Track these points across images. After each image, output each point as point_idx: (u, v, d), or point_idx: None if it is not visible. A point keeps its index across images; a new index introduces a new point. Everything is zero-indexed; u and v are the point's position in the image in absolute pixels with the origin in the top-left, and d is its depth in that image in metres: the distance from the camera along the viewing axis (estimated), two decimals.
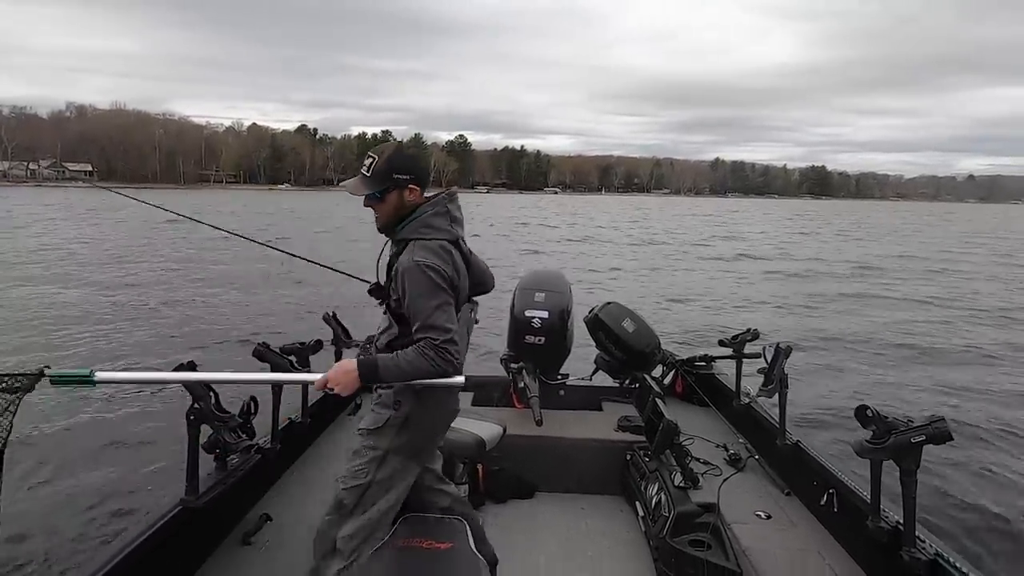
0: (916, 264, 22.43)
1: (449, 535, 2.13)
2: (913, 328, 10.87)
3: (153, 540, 2.07)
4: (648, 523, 2.90)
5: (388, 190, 2.05)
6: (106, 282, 14.50)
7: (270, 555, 2.40)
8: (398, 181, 2.05)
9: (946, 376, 7.90)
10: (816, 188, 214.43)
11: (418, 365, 1.89)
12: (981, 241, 36.63)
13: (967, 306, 13.45)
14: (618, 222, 46.13)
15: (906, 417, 2.11)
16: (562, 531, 2.57)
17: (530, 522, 3.13)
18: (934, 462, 4.81)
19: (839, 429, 5.34)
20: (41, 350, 8.54)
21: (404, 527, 2.21)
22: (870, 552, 2.29)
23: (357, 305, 11.75)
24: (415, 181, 2.07)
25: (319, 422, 3.46)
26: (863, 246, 30.43)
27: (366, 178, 2.05)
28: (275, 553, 2.42)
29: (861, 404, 2.15)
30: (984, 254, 28.03)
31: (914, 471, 2.03)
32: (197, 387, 2.29)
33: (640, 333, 3.57)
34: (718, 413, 3.79)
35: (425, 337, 1.90)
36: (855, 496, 2.44)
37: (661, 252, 25.69)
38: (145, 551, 2.02)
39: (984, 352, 9.34)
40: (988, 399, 7.03)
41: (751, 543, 2.49)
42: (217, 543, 2.46)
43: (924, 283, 16.95)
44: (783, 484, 2.96)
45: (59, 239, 23.77)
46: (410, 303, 1.94)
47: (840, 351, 9.05)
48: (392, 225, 2.09)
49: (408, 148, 2.25)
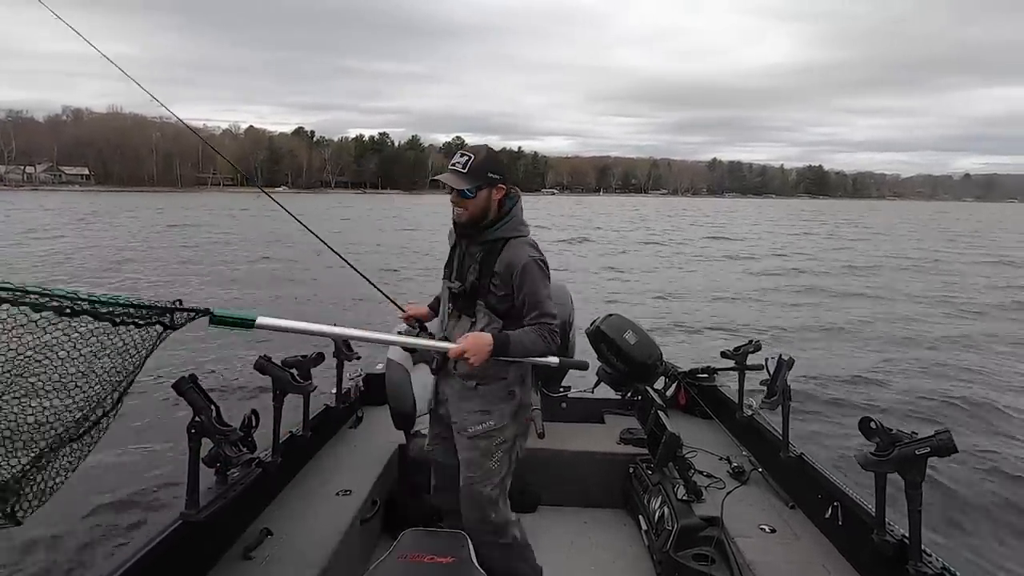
0: (920, 268, 22.29)
1: (451, 549, 2.12)
2: (919, 338, 10.70)
3: (153, 554, 2.06)
4: (651, 537, 2.89)
5: (481, 188, 2.15)
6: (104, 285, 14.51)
7: (271, 570, 2.39)
8: (491, 180, 2.16)
9: (952, 388, 7.82)
10: (813, 188, 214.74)
11: (539, 344, 2.14)
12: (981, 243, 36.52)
13: (975, 313, 13.22)
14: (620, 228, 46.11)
15: (910, 429, 2.11)
16: (565, 544, 2.57)
17: (532, 535, 3.11)
18: (940, 475, 4.79)
19: (843, 441, 5.31)
20: None
21: (406, 541, 2.20)
22: (875, 566, 2.27)
23: (356, 314, 11.73)
24: (503, 182, 2.19)
25: (320, 435, 3.44)
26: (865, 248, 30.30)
27: (462, 174, 2.13)
28: (276, 568, 2.41)
29: (865, 416, 2.15)
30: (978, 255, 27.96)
31: (919, 484, 2.02)
32: (198, 400, 2.29)
33: (642, 345, 3.56)
34: (721, 425, 3.77)
35: (541, 322, 2.14)
36: (860, 509, 2.42)
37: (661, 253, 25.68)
38: (145, 565, 2.01)
39: (993, 364, 9.17)
40: (994, 411, 6.97)
41: (755, 557, 2.48)
42: (218, 557, 2.44)
43: (929, 289, 16.73)
44: (787, 497, 2.94)
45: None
46: (529, 294, 2.14)
47: (843, 362, 8.95)
48: (477, 221, 2.18)
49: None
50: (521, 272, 2.14)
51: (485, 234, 2.20)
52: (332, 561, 2.43)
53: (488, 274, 2.18)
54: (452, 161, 2.19)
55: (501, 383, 2.25)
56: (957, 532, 4.31)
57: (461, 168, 2.14)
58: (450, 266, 2.33)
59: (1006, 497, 4.96)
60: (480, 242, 2.21)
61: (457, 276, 2.27)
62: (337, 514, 2.62)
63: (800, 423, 4.25)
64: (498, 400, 2.24)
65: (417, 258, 22.03)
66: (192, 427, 2.25)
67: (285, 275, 16.85)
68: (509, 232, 2.20)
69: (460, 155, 2.17)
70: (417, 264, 19.64)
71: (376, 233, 33.62)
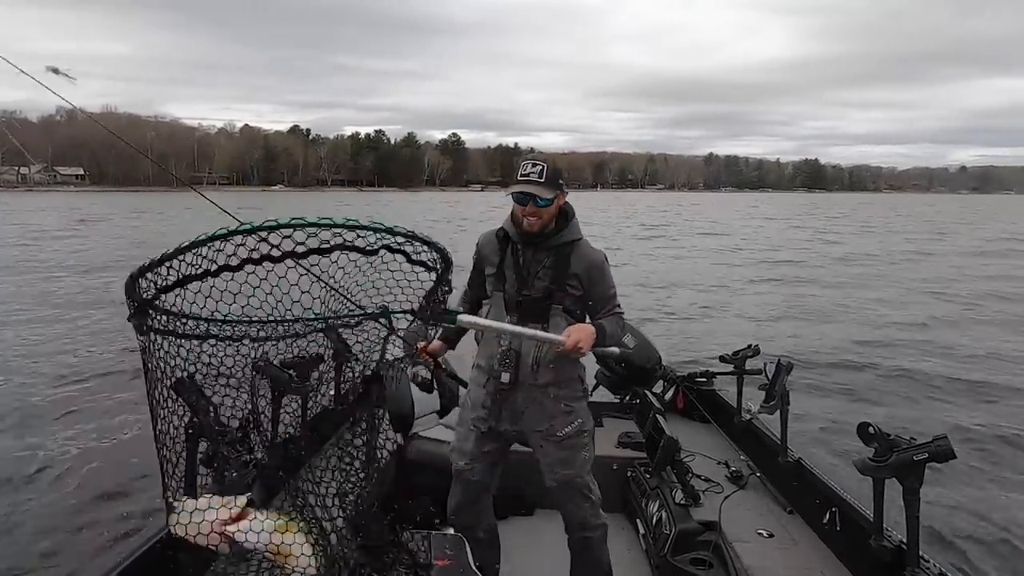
0: (918, 265, 22.09)
1: (448, 552, 2.12)
2: (916, 343, 10.46)
3: (150, 555, 2.08)
4: (649, 541, 2.89)
5: (558, 195, 2.19)
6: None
7: (268, 571, 2.39)
8: (562, 187, 2.20)
9: (951, 393, 7.76)
10: (810, 181, 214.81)
11: (618, 333, 2.32)
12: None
13: (975, 316, 12.92)
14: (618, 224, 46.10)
15: (909, 435, 2.11)
16: (562, 548, 2.57)
17: (530, 539, 3.13)
18: (938, 480, 4.78)
19: (841, 446, 5.30)
20: None
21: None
22: (873, 571, 2.27)
23: None
24: (565, 187, 2.25)
25: (318, 436, 3.45)
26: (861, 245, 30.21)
27: (541, 184, 2.14)
28: (273, 570, 2.41)
29: (863, 421, 2.15)
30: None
31: (917, 489, 2.03)
32: (196, 400, 2.29)
33: (641, 349, 3.56)
34: (719, 430, 3.78)
35: (615, 312, 2.29)
36: (858, 514, 2.43)
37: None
38: (142, 566, 2.02)
39: (991, 368, 8.98)
40: (993, 415, 6.91)
41: (753, 561, 2.48)
42: (214, 558, 2.45)
43: (927, 289, 16.52)
44: (785, 502, 2.95)
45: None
46: (604, 290, 2.27)
47: (842, 367, 8.87)
48: (547, 227, 2.23)
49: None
50: (599, 270, 2.25)
51: (553, 239, 2.24)
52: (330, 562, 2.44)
53: (564, 277, 2.23)
54: (524, 171, 2.17)
55: (577, 383, 2.35)
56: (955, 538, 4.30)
57: (538, 178, 2.14)
58: (502, 277, 2.30)
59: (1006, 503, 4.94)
60: (548, 247, 2.24)
61: (519, 284, 2.26)
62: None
63: (798, 426, 4.24)
64: (577, 398, 2.34)
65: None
66: (189, 427, 2.25)
67: None
68: (576, 234, 2.27)
69: (532, 164, 2.16)
70: None
71: None
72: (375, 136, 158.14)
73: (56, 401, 7.19)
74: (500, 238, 2.32)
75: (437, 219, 41.07)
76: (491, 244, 2.35)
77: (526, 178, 2.15)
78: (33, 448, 5.84)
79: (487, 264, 2.35)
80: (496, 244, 2.33)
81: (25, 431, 6.32)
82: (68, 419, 6.62)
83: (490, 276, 2.34)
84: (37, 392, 7.49)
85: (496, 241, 2.33)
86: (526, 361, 2.25)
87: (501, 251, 2.31)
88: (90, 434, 6.21)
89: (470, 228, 29.08)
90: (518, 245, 2.28)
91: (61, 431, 6.28)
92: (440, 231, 26.85)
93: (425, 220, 39.62)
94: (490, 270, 2.34)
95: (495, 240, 2.34)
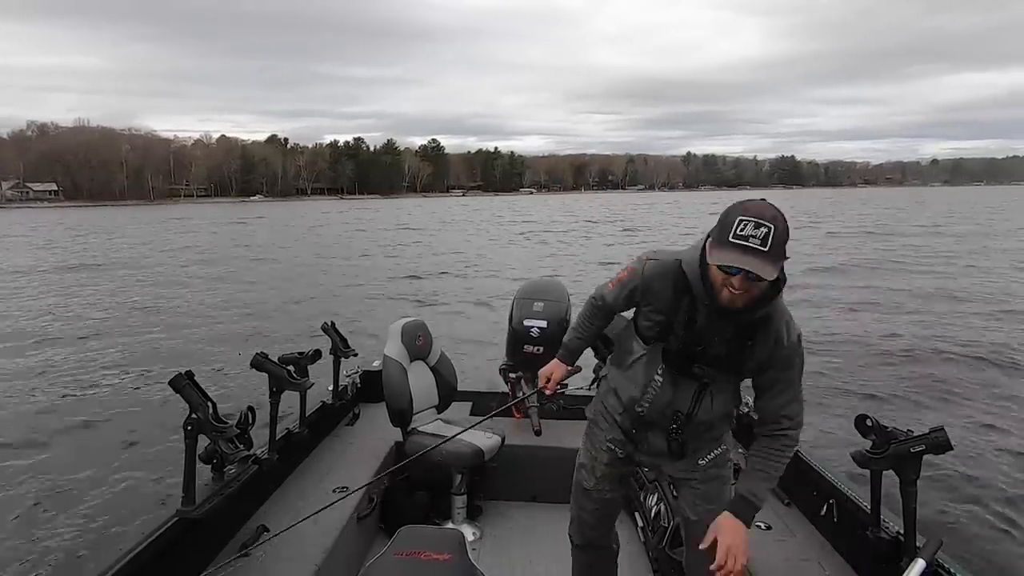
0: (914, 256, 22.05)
1: (447, 547, 2.10)
2: (916, 333, 10.50)
3: (150, 551, 2.05)
4: (647, 534, 2.91)
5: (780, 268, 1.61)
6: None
7: (268, 566, 2.36)
8: (785, 254, 1.58)
9: (948, 384, 7.79)
10: (787, 178, 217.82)
11: (777, 477, 1.88)
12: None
13: (976, 309, 12.72)
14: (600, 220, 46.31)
15: (906, 427, 2.12)
16: (561, 541, 2.56)
17: (529, 532, 3.15)
18: (935, 472, 4.82)
19: (839, 438, 5.32)
20: None
21: (403, 537, 2.19)
22: (870, 562, 2.29)
23: (355, 315, 11.70)
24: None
25: (317, 432, 3.44)
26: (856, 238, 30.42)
27: (766, 255, 1.52)
28: (272, 564, 2.38)
29: (861, 414, 2.15)
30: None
31: (914, 481, 2.03)
32: (195, 397, 2.26)
33: None
34: None
35: (788, 434, 1.86)
36: (855, 506, 2.44)
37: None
38: (142, 562, 2.00)
39: (988, 360, 8.98)
40: (990, 408, 6.95)
41: (750, 553, 2.49)
42: (214, 554, 2.42)
43: (924, 280, 16.32)
44: (782, 494, 2.96)
45: None
46: (784, 388, 1.82)
47: (839, 359, 8.90)
48: (753, 304, 1.70)
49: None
50: (788, 353, 1.77)
51: (752, 314, 1.72)
52: (329, 557, 2.44)
53: (743, 360, 1.80)
54: (741, 232, 1.53)
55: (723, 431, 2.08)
56: (952, 529, 4.35)
57: (761, 246, 1.52)
58: (668, 329, 1.85)
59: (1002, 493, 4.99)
60: (735, 318, 1.75)
61: (687, 339, 1.82)
62: (334, 511, 2.60)
63: None
64: (724, 426, 2.08)
65: (421, 259, 22.10)
66: (188, 424, 2.25)
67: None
68: (777, 308, 1.76)
69: (755, 225, 1.52)
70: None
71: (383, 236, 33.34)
72: (354, 144, 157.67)
73: (56, 402, 7.24)
74: (678, 288, 1.80)
75: (425, 213, 40.72)
76: (665, 289, 1.83)
77: (743, 242, 1.53)
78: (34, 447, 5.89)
79: (651, 305, 1.88)
80: (671, 292, 1.82)
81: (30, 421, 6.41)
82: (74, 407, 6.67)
83: (653, 323, 1.89)
84: (39, 392, 7.55)
85: (672, 287, 1.82)
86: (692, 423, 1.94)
87: (675, 302, 1.82)
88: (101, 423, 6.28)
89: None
90: (699, 305, 1.78)
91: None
92: (434, 230, 26.62)
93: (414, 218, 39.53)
94: (656, 316, 1.87)
95: (671, 287, 1.82)
